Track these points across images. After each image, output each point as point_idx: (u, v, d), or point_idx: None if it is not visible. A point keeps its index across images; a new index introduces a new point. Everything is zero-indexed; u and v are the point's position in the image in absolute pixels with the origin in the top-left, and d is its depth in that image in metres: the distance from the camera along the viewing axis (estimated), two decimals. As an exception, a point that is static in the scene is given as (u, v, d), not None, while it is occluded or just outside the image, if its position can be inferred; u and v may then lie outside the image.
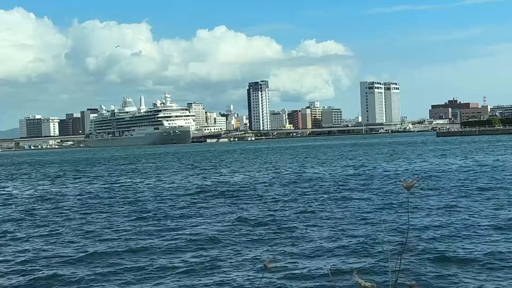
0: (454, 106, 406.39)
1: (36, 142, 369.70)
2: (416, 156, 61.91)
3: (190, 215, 23.02)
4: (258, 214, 22.57)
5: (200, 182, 39.97)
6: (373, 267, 13.19)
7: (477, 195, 25.38)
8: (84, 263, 15.03)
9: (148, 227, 20.28)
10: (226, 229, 19.21)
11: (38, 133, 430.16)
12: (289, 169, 49.44)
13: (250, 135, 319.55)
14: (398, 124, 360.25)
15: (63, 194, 35.36)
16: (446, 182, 31.80)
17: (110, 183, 42.64)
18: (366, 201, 24.97)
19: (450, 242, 15.65)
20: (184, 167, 61.39)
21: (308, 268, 13.47)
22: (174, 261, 14.82)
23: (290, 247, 15.87)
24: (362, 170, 44.62)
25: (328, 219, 20.38)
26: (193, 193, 31.89)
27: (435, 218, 19.39)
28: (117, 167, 70.02)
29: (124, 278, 13.46)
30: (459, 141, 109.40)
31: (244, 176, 43.99)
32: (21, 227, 22.18)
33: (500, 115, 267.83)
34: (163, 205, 27.14)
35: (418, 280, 11.79)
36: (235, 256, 15.08)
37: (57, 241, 18.54)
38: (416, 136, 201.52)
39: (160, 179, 44.39)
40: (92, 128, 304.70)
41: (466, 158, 53.19)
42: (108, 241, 17.93)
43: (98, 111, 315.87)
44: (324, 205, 24.25)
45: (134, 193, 33.84)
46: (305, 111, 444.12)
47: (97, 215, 24.32)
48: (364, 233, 17.31)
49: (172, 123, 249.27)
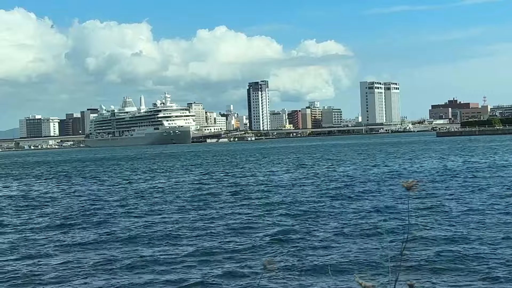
0: (454, 106, 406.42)
1: (36, 142, 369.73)
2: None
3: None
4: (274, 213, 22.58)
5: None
6: (374, 267, 13.16)
7: (478, 195, 25.36)
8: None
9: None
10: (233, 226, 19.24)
11: (38, 133, 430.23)
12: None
13: (250, 135, 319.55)
14: (398, 124, 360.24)
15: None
16: (448, 182, 31.79)
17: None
18: (368, 201, 24.95)
19: (450, 242, 15.62)
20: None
21: (308, 268, 13.44)
22: (176, 254, 14.83)
23: (291, 247, 15.85)
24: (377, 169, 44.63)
25: (329, 219, 20.36)
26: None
27: (435, 218, 19.36)
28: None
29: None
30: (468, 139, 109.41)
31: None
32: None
33: (500, 115, 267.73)
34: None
35: (419, 280, 11.77)
36: (235, 254, 15.09)
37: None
38: (417, 136, 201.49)
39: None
40: (92, 128, 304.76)
41: (473, 157, 53.19)
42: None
43: (98, 111, 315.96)
44: (326, 205, 24.23)
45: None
46: (305, 111, 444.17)
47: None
48: (364, 233, 17.29)
49: (172, 123, 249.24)
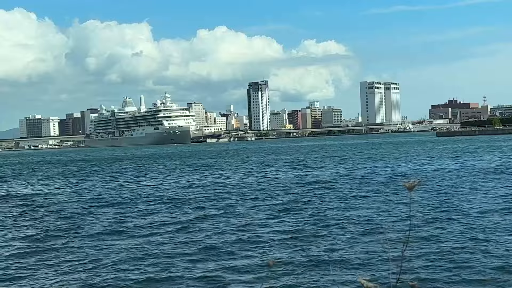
0: (454, 106, 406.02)
1: (36, 142, 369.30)
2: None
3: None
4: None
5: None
6: (375, 267, 13.22)
7: (479, 195, 25.41)
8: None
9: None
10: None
11: (38, 133, 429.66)
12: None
13: (250, 135, 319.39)
14: (398, 124, 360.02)
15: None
16: (450, 182, 31.85)
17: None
18: (370, 201, 25.02)
19: (450, 242, 15.69)
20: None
21: (310, 268, 13.51)
22: (177, 252, 14.90)
23: (295, 247, 15.92)
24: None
25: (330, 219, 20.42)
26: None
27: (436, 219, 19.42)
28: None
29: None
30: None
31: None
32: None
33: (500, 115, 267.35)
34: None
35: (419, 280, 11.83)
36: (240, 256, 15.16)
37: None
38: (418, 136, 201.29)
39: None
40: (92, 128, 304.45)
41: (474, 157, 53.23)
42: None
43: (98, 111, 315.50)
44: (329, 205, 24.29)
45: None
46: (305, 111, 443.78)
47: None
48: (366, 233, 17.35)
49: (172, 123, 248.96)
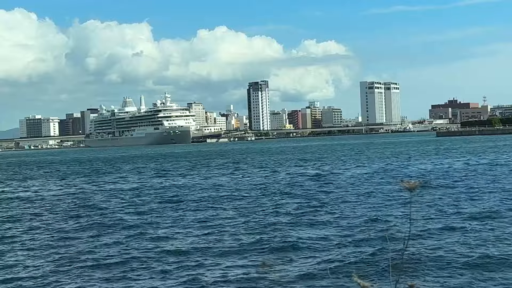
0: (454, 106, 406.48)
1: (36, 142, 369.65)
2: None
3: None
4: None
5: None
6: (374, 267, 13.08)
7: (480, 195, 25.29)
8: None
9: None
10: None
11: (38, 133, 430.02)
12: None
13: (250, 135, 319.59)
14: (398, 124, 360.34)
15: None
16: (450, 182, 31.74)
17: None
18: (369, 201, 24.89)
19: (451, 242, 15.56)
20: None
21: (306, 268, 13.36)
22: (173, 253, 14.76)
23: (289, 246, 15.78)
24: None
25: (328, 219, 20.28)
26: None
27: (437, 219, 19.30)
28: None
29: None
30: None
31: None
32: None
33: (500, 115, 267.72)
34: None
35: (419, 280, 11.69)
36: (234, 256, 15.01)
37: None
38: (418, 136, 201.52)
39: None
40: (92, 128, 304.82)
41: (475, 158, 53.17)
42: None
43: (98, 111, 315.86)
44: (326, 205, 24.16)
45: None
46: (305, 111, 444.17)
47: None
48: (364, 233, 17.21)
49: (172, 123, 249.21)
